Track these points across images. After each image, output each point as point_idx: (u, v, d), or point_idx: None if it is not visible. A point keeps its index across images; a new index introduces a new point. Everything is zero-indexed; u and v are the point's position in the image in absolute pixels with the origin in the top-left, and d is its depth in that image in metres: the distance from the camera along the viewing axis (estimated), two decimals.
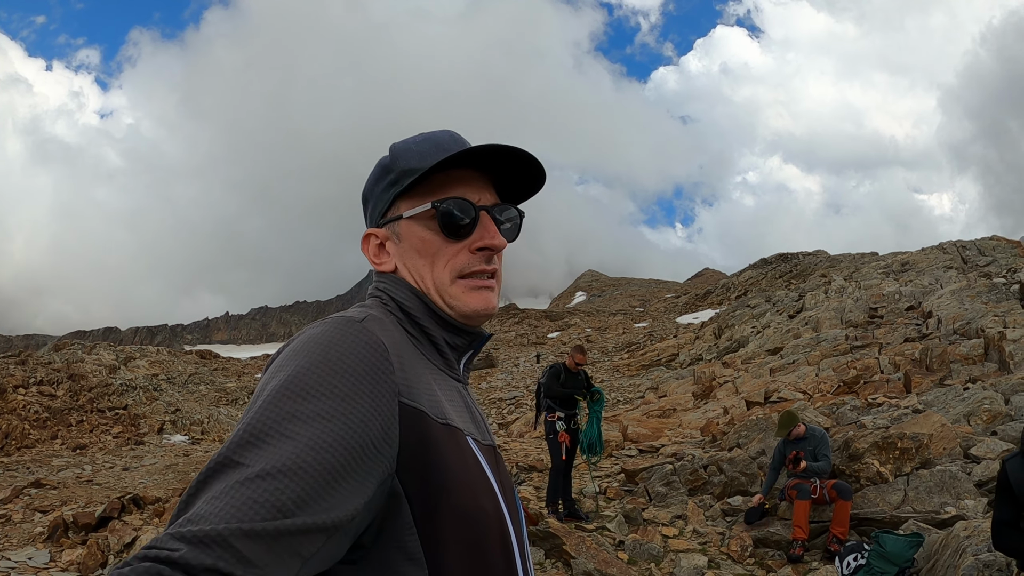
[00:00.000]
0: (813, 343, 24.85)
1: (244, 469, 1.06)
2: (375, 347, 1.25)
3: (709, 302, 65.61)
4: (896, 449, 10.10)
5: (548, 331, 62.28)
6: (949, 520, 8.75)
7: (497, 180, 1.51)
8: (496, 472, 1.41)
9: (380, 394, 1.20)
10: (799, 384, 18.95)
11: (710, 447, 14.00)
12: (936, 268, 33.33)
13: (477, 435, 1.42)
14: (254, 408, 1.15)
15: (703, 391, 23.17)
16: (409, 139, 1.52)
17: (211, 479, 1.08)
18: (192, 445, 25.88)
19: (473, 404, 1.52)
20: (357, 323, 1.28)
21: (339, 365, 1.19)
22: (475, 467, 1.33)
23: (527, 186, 1.54)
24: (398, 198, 1.47)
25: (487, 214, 1.45)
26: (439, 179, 1.43)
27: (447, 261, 1.43)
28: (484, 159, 1.44)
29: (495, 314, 1.49)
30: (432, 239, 1.44)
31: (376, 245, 1.51)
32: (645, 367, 37.50)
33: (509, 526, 1.36)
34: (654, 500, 11.63)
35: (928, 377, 15.48)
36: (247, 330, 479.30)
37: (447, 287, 1.43)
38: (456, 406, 1.40)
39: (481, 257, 1.44)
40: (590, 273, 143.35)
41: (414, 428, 1.24)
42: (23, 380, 27.16)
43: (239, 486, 1.04)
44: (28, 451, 22.62)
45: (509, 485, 1.47)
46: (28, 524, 12.05)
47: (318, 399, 1.14)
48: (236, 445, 1.10)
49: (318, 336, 1.25)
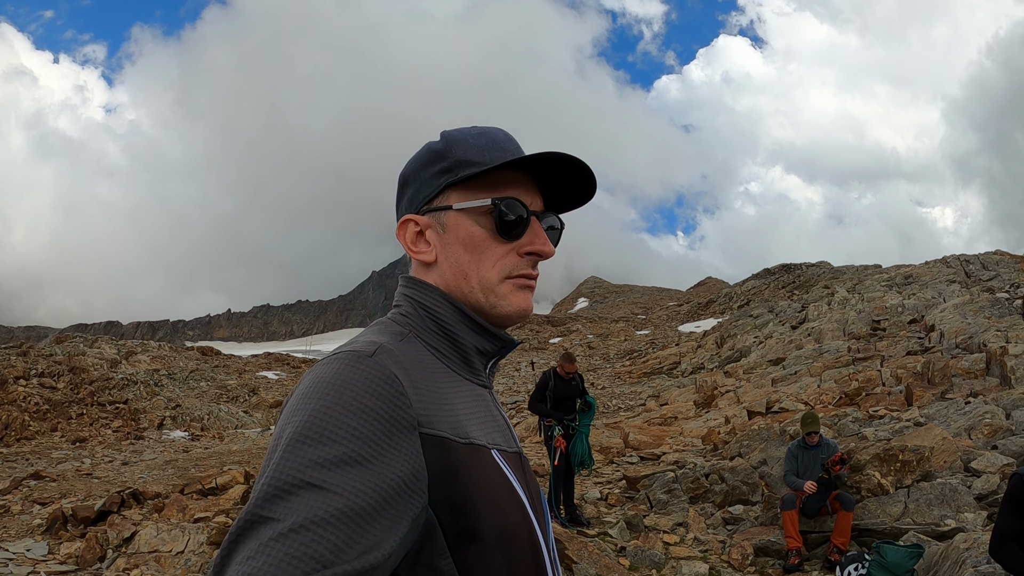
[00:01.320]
0: (815, 354, 24.81)
1: (276, 524, 1.03)
2: (389, 382, 1.20)
3: (712, 311, 65.53)
4: (897, 461, 10.10)
5: (550, 336, 62.27)
6: (949, 532, 8.77)
7: (544, 187, 1.48)
8: (523, 480, 1.39)
9: (400, 430, 1.17)
10: (801, 395, 18.91)
11: (711, 456, 13.99)
12: (939, 282, 33.28)
13: (502, 443, 1.39)
14: (274, 458, 1.12)
15: (704, 400, 23.14)
16: (464, 129, 1.47)
17: (243, 538, 1.05)
18: (192, 441, 25.87)
19: (498, 408, 1.49)
20: (368, 358, 1.23)
21: (355, 405, 1.15)
22: (501, 482, 1.30)
23: (573, 197, 1.51)
24: (449, 187, 1.42)
25: (537, 220, 1.44)
26: (495, 176, 1.41)
27: (496, 261, 1.40)
28: (542, 165, 1.41)
29: (531, 316, 1.47)
30: (482, 236, 1.40)
31: (415, 232, 1.45)
32: (647, 375, 37.43)
33: (539, 534, 1.34)
34: (655, 507, 11.63)
35: (930, 390, 15.48)
36: (249, 327, 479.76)
37: (495, 286, 1.40)
38: (479, 416, 1.37)
39: (528, 261, 1.42)
40: (592, 279, 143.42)
41: (437, 456, 1.21)
42: (24, 371, 27.19)
43: (273, 543, 1.02)
44: (28, 443, 22.63)
45: (536, 489, 1.45)
46: (27, 516, 12.04)
47: (339, 443, 1.11)
48: (263, 499, 1.07)
49: (329, 376, 1.20)
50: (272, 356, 56.43)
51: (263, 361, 52.89)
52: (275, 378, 43.84)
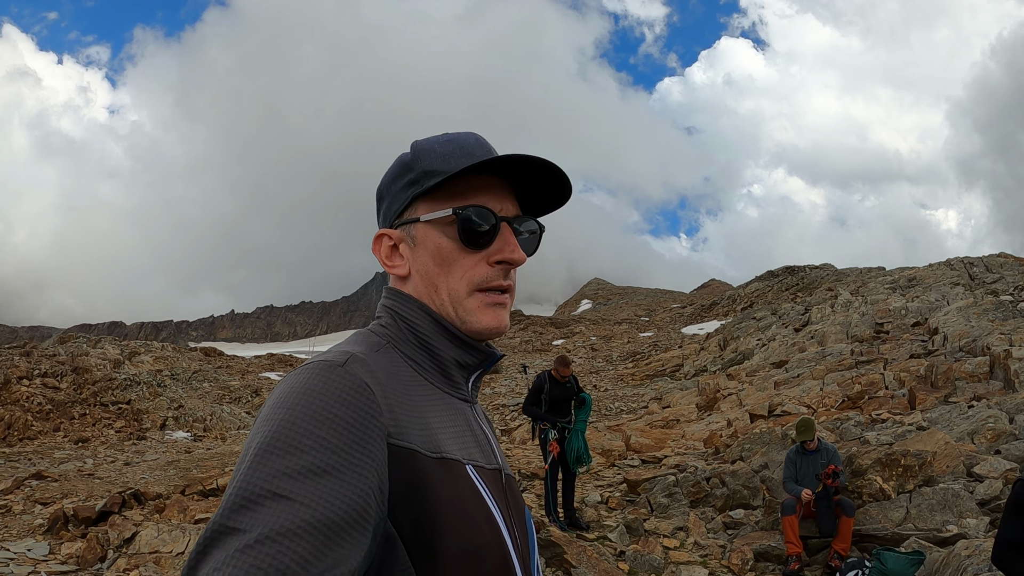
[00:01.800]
0: (818, 357, 24.78)
1: (242, 535, 1.03)
2: (359, 390, 1.19)
3: (715, 313, 65.49)
4: (899, 466, 10.06)
5: (553, 338, 62.17)
6: (951, 539, 8.72)
7: (519, 191, 1.45)
8: (500, 498, 1.36)
9: (369, 440, 1.16)
10: (803, 398, 18.89)
11: (713, 459, 13.97)
12: (943, 284, 33.25)
13: (480, 459, 1.37)
14: (242, 468, 1.11)
15: (707, 403, 23.11)
16: (433, 138, 1.45)
17: (210, 548, 1.04)
18: (194, 442, 25.87)
19: (481, 424, 1.47)
20: (339, 367, 1.21)
21: (324, 414, 1.14)
22: (473, 498, 1.28)
23: (550, 199, 1.48)
24: (417, 199, 1.40)
25: (508, 226, 1.40)
26: (461, 184, 1.38)
27: (464, 272, 1.37)
28: (509, 168, 1.38)
29: (506, 331, 1.42)
30: (449, 247, 1.37)
31: (389, 247, 1.44)
32: (649, 377, 37.43)
33: (512, 555, 1.31)
34: (656, 511, 11.60)
35: (933, 394, 15.45)
36: (252, 328, 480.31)
37: (462, 300, 1.37)
38: (457, 431, 1.35)
39: (499, 271, 1.39)
40: (596, 281, 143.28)
41: (404, 468, 1.19)
42: (27, 371, 27.21)
43: (239, 554, 1.01)
44: (30, 443, 22.64)
45: (518, 508, 1.43)
46: (28, 515, 12.05)
47: (307, 453, 1.10)
48: (229, 510, 1.06)
49: (299, 386, 1.19)
50: (275, 357, 56.44)
51: (266, 362, 52.91)
52: (278, 379, 43.62)
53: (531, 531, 1.46)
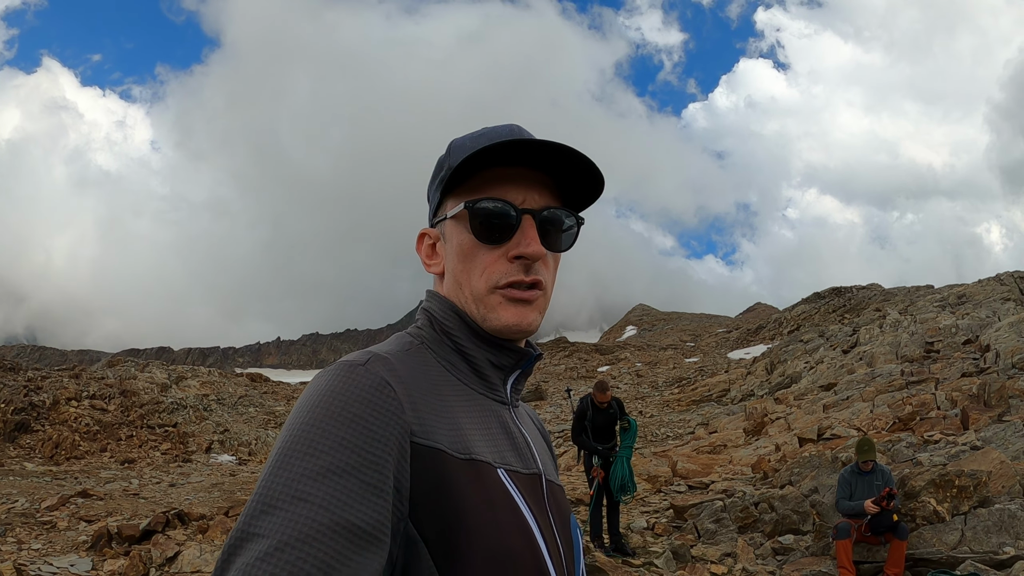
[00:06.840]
0: (868, 379, 24.32)
1: (263, 541, 1.04)
2: (379, 388, 1.17)
3: (761, 337, 64.74)
4: (953, 487, 9.78)
5: (598, 365, 61.86)
6: (1008, 560, 8.48)
7: (560, 182, 1.38)
8: (537, 504, 1.30)
9: (389, 437, 1.14)
10: (853, 420, 18.52)
11: (761, 484, 13.70)
12: (993, 300, 32.55)
13: (515, 464, 1.31)
14: (265, 472, 1.11)
15: (754, 427, 22.76)
16: (469, 133, 1.42)
17: (234, 555, 1.05)
18: (239, 465, 26.07)
19: (521, 428, 1.41)
20: (360, 367, 1.20)
21: (343, 414, 1.13)
22: (503, 502, 1.23)
23: (586, 191, 1.41)
24: (447, 196, 1.38)
25: (531, 218, 1.33)
26: (485, 176, 1.33)
27: (483, 269, 1.33)
28: (541, 157, 1.32)
29: (533, 332, 1.35)
30: (470, 243, 1.33)
31: (429, 245, 1.44)
32: (695, 402, 37.04)
33: (547, 562, 1.24)
34: (703, 537, 11.38)
35: (986, 413, 15.06)
36: (297, 355, 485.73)
37: (483, 297, 1.33)
38: (490, 434, 1.30)
39: (519, 267, 1.32)
40: (640, 307, 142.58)
41: (429, 469, 1.17)
42: (76, 393, 27.64)
43: (260, 562, 1.02)
44: (77, 462, 22.98)
45: (561, 515, 1.37)
46: (72, 532, 12.16)
47: (326, 453, 1.10)
48: (251, 515, 1.08)
49: (320, 387, 1.19)
50: None
51: None
52: None
53: (577, 540, 1.40)
